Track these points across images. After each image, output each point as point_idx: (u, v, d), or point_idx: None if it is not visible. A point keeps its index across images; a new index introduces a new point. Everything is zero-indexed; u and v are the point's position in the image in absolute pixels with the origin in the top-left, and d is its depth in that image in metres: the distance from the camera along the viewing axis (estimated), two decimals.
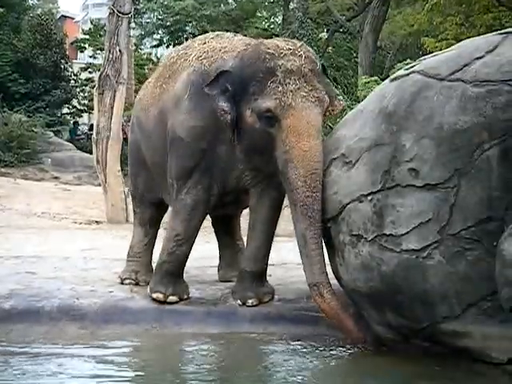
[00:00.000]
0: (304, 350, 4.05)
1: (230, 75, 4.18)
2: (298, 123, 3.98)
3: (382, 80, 5.35)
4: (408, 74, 3.81)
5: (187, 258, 4.67)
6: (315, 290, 3.93)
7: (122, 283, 5.01)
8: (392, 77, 4.06)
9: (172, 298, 4.53)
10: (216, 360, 4.05)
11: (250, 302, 4.47)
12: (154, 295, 4.55)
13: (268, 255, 4.63)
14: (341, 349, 4.02)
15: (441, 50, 4.93)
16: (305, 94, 4.02)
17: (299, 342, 4.13)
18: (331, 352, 3.98)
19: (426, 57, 4.07)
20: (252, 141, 4.19)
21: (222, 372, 3.84)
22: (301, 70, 4.06)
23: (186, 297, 4.59)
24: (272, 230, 4.64)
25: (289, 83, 4.01)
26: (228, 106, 4.17)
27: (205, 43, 4.70)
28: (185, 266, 4.68)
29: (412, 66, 3.88)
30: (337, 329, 4.03)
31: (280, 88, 4.00)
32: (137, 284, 4.99)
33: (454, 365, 3.59)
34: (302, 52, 4.14)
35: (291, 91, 4.00)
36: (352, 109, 4.47)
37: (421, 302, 3.53)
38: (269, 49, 4.14)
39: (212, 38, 4.75)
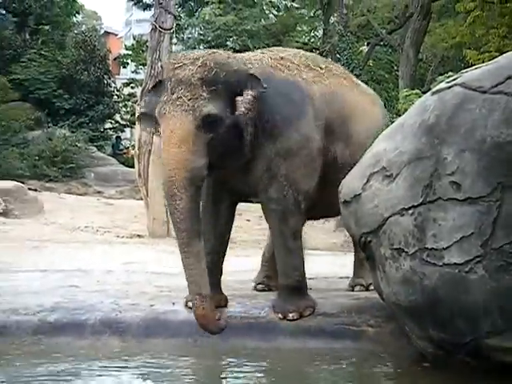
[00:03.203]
0: (343, 365, 4.03)
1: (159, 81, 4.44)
2: (165, 131, 4.16)
3: (423, 93, 5.33)
4: (450, 87, 3.78)
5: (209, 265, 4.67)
6: (196, 300, 4.17)
7: (256, 288, 5.27)
8: (433, 90, 4.03)
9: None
10: (256, 374, 4.05)
11: (290, 315, 4.45)
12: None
13: (298, 267, 4.59)
14: (383, 365, 3.99)
15: (483, 62, 4.89)
16: (180, 102, 4.13)
17: (339, 357, 4.11)
18: (373, 369, 3.95)
19: (467, 69, 4.04)
20: None
21: None
22: (189, 79, 4.15)
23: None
24: (289, 242, 4.56)
25: (174, 92, 4.16)
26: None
27: None
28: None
29: (454, 79, 3.85)
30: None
31: (166, 97, 4.19)
32: (269, 290, 5.17)
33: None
34: (201, 61, 4.21)
35: (171, 100, 4.16)
36: (393, 122, 4.45)
37: (463, 317, 3.49)
38: (175, 59, 4.34)
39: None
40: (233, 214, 4.90)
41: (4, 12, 27.51)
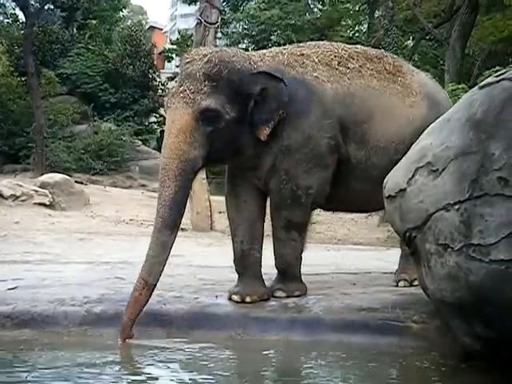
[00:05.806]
0: (387, 360, 4.02)
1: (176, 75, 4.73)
2: (167, 121, 4.38)
3: (470, 87, 5.26)
4: (498, 81, 3.73)
5: (241, 253, 4.83)
6: (139, 283, 4.28)
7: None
8: (481, 84, 3.98)
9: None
10: (297, 367, 4.06)
11: (277, 294, 4.75)
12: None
13: (284, 256, 4.77)
14: (428, 362, 3.95)
15: None
16: (183, 95, 4.29)
17: (383, 353, 4.10)
18: (418, 366, 3.92)
19: None
20: None
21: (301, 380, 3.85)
22: (195, 74, 4.33)
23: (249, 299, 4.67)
24: (278, 232, 4.75)
25: (181, 86, 4.34)
26: None
27: None
28: (246, 264, 4.83)
29: (502, 73, 3.80)
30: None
31: (174, 89, 4.40)
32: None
33: None
34: (208, 57, 4.36)
35: (176, 93, 4.34)
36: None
37: (510, 314, 3.44)
38: (188, 55, 4.51)
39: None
40: (260, 206, 4.89)
41: (52, 7, 27.93)
